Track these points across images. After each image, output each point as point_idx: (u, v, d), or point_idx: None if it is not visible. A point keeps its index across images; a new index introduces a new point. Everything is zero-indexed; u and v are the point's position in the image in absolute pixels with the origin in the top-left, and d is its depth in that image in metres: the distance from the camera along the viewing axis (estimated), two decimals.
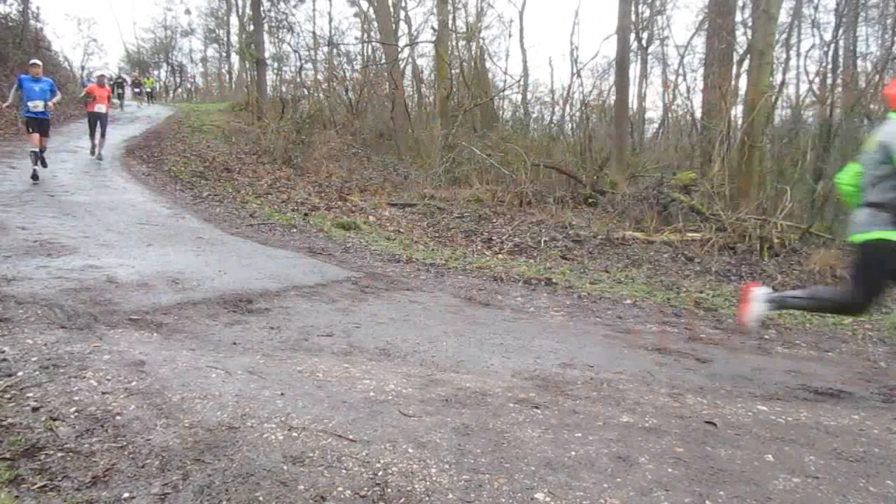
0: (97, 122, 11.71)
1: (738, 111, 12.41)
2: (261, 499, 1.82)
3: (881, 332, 4.78)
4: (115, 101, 19.83)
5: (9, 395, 2.41)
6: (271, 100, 19.36)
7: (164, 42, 34.10)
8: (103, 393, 2.49)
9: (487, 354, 3.53)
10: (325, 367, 3.05)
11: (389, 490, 1.91)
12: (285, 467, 2.00)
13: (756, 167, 10.52)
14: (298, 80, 20.90)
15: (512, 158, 12.13)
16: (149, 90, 28.22)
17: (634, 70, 21.47)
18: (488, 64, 22.88)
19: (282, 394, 2.62)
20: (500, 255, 8.10)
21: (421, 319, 4.23)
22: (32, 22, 19.92)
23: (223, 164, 12.53)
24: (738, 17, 15.12)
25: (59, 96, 9.59)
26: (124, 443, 2.10)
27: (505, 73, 27.52)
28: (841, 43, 16.52)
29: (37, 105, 9.03)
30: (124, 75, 28.29)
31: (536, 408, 2.67)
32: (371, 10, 23.02)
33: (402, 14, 24.50)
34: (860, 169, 3.22)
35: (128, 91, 25.80)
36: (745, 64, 14.02)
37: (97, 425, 2.22)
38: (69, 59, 27.80)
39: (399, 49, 19.79)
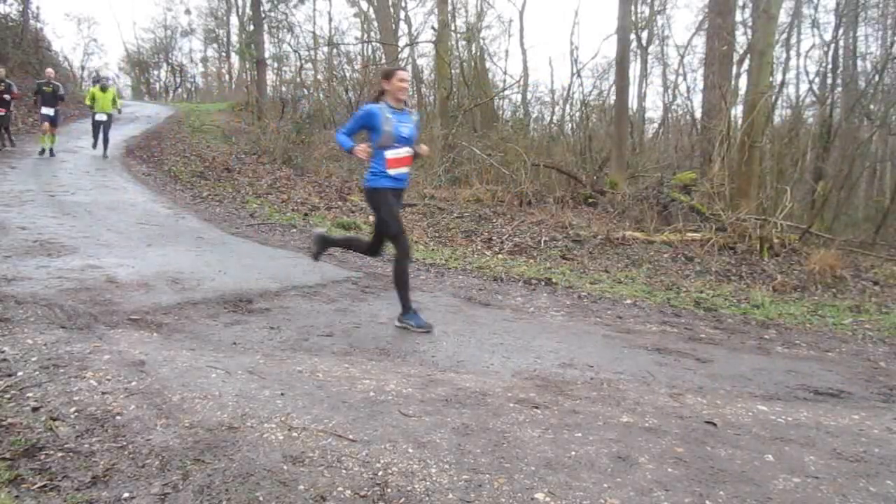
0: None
1: (738, 111, 12.41)
2: (261, 499, 1.82)
3: (881, 332, 4.78)
4: None
5: (9, 395, 2.41)
6: (271, 100, 19.36)
7: (164, 42, 34.03)
8: (103, 393, 2.49)
9: (487, 354, 3.53)
10: (325, 367, 3.05)
11: (389, 490, 1.91)
12: (285, 467, 2.00)
13: (756, 167, 10.51)
14: (298, 80, 20.90)
15: (512, 158, 12.12)
16: (50, 115, 11.47)
17: (634, 70, 21.45)
18: (488, 64, 22.87)
19: (282, 394, 2.62)
20: (500, 255, 8.10)
21: None
22: (32, 22, 19.93)
23: (223, 164, 12.53)
24: (738, 17, 15.12)
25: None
26: (124, 443, 2.10)
27: (505, 73, 27.48)
28: (841, 43, 16.52)
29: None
30: None
31: (536, 408, 2.67)
32: (371, 10, 23.04)
33: (402, 14, 24.52)
34: None
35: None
36: (745, 64, 14.03)
37: (97, 425, 2.22)
38: (69, 59, 27.50)
39: (399, 49, 19.79)
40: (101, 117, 11.86)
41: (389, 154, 3.72)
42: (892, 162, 17.12)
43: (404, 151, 3.78)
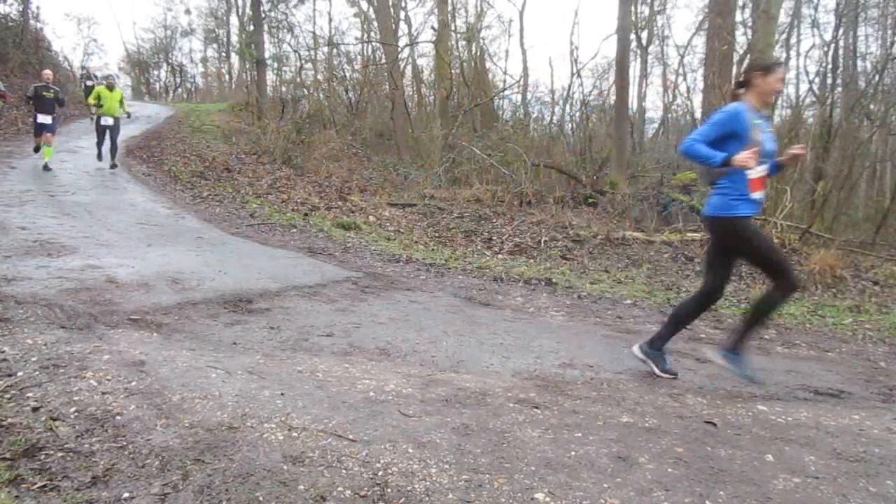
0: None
1: None
2: (261, 499, 1.82)
3: (881, 332, 4.78)
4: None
5: (9, 395, 2.41)
6: (271, 100, 19.35)
7: (164, 42, 34.00)
8: (103, 393, 2.49)
9: (487, 354, 3.53)
10: (325, 367, 3.05)
11: (389, 490, 1.91)
12: (285, 467, 2.00)
13: None
14: (298, 80, 20.89)
15: (512, 158, 12.12)
16: (47, 123, 10.12)
17: (634, 70, 21.43)
18: (488, 64, 22.86)
19: (282, 394, 2.62)
20: (500, 255, 8.09)
21: (421, 319, 4.23)
22: (32, 22, 19.89)
23: (223, 164, 12.53)
24: (738, 17, 15.10)
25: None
26: (124, 443, 2.10)
27: (505, 73, 27.45)
28: (841, 43, 16.51)
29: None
30: None
31: (536, 408, 2.67)
32: (371, 10, 23.01)
33: (402, 14, 24.50)
34: None
35: None
36: (745, 64, 14.01)
37: (97, 425, 2.22)
38: (69, 59, 27.39)
39: (399, 49, 19.78)
40: (108, 121, 10.49)
41: (753, 172, 2.91)
42: (892, 162, 17.10)
43: (764, 168, 2.99)
